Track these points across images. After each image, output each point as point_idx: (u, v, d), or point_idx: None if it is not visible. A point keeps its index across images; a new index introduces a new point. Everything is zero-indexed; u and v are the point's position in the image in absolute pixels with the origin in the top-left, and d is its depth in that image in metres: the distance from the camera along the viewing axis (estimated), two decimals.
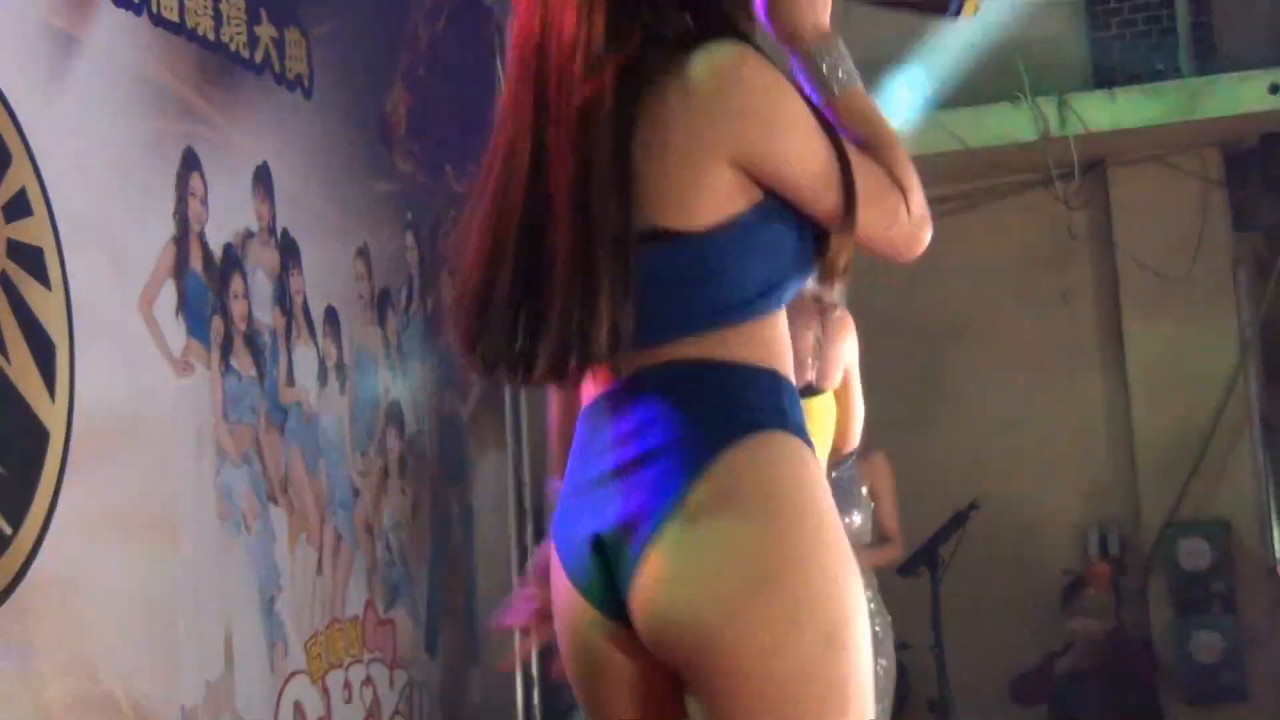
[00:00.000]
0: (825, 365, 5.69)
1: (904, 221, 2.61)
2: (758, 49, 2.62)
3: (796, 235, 2.62)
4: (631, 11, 2.64)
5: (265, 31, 7.36)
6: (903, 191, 2.60)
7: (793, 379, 2.65)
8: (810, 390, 5.55)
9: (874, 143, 2.64)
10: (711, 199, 2.56)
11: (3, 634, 5.61)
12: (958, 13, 2.92)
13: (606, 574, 2.58)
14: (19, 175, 5.91)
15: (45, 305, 5.99)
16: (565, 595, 2.66)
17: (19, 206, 5.91)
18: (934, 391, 7.06)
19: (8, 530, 5.71)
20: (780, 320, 2.66)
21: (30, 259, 5.94)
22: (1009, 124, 9.40)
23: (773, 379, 2.59)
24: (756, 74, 2.58)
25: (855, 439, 5.97)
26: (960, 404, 7.39)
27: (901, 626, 6.86)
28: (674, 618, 2.49)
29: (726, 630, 2.44)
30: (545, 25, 2.67)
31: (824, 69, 2.66)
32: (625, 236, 2.56)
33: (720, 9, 2.66)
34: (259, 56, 7.31)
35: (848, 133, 2.63)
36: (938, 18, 3.01)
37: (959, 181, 9.69)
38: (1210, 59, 9.48)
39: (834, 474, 5.87)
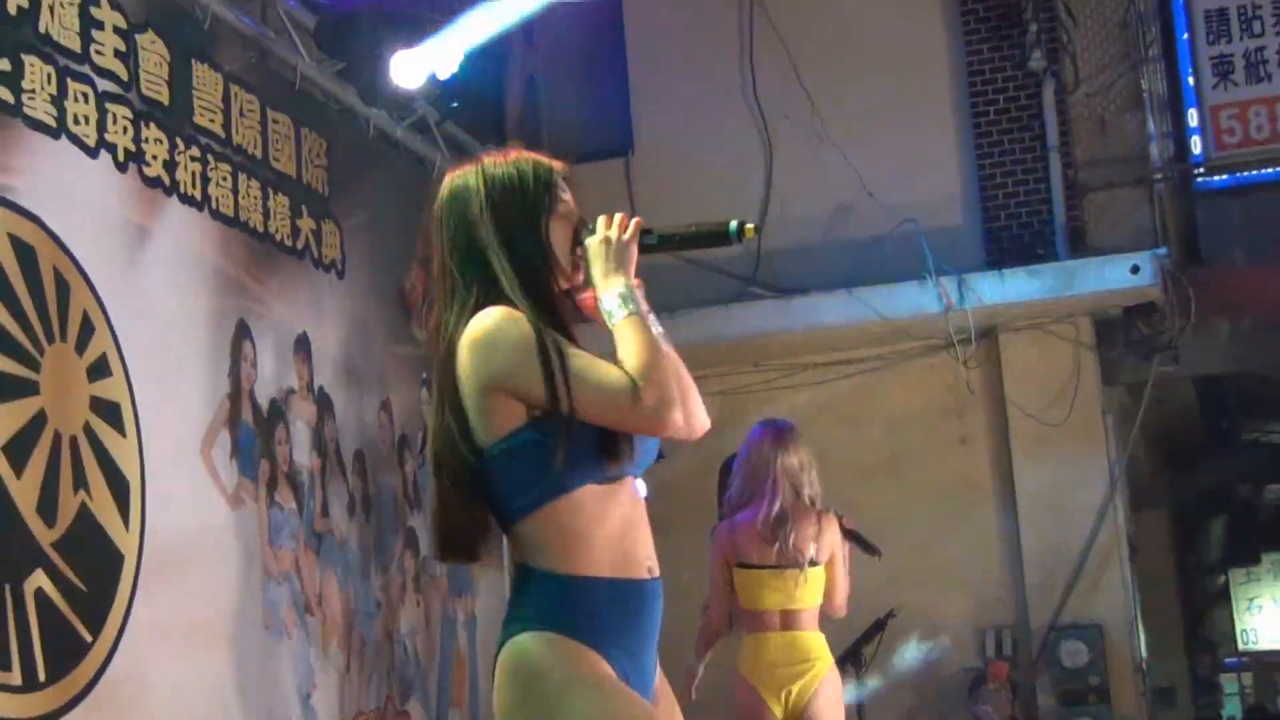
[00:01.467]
0: (820, 548, 6.46)
1: (637, 409, 2.83)
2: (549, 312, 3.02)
3: (562, 440, 2.87)
4: (454, 301, 3.10)
5: (305, 224, 7.43)
6: (636, 387, 2.84)
7: (570, 562, 2.90)
8: (812, 563, 6.42)
9: (629, 355, 2.90)
10: (490, 422, 2.93)
11: None
12: (740, 237, 3.13)
13: None
14: (101, 343, 5.94)
15: (122, 450, 5.99)
16: None
17: (100, 368, 5.94)
18: (856, 518, 7.05)
19: (88, 638, 5.68)
20: (564, 508, 2.90)
21: (109, 412, 5.96)
22: (917, 299, 9.47)
23: (534, 581, 2.91)
24: (490, 321, 2.95)
25: (841, 601, 6.66)
26: (878, 529, 7.34)
27: None
28: None
29: None
30: None
31: (603, 308, 2.99)
32: (450, 461, 3.04)
33: (498, 288, 3.02)
34: (300, 244, 7.38)
35: (619, 350, 2.93)
36: (723, 244, 3.18)
37: (876, 346, 9.75)
38: (1082, 245, 9.56)
39: None
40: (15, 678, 5.34)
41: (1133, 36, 9.67)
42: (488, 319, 2.96)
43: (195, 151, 6.65)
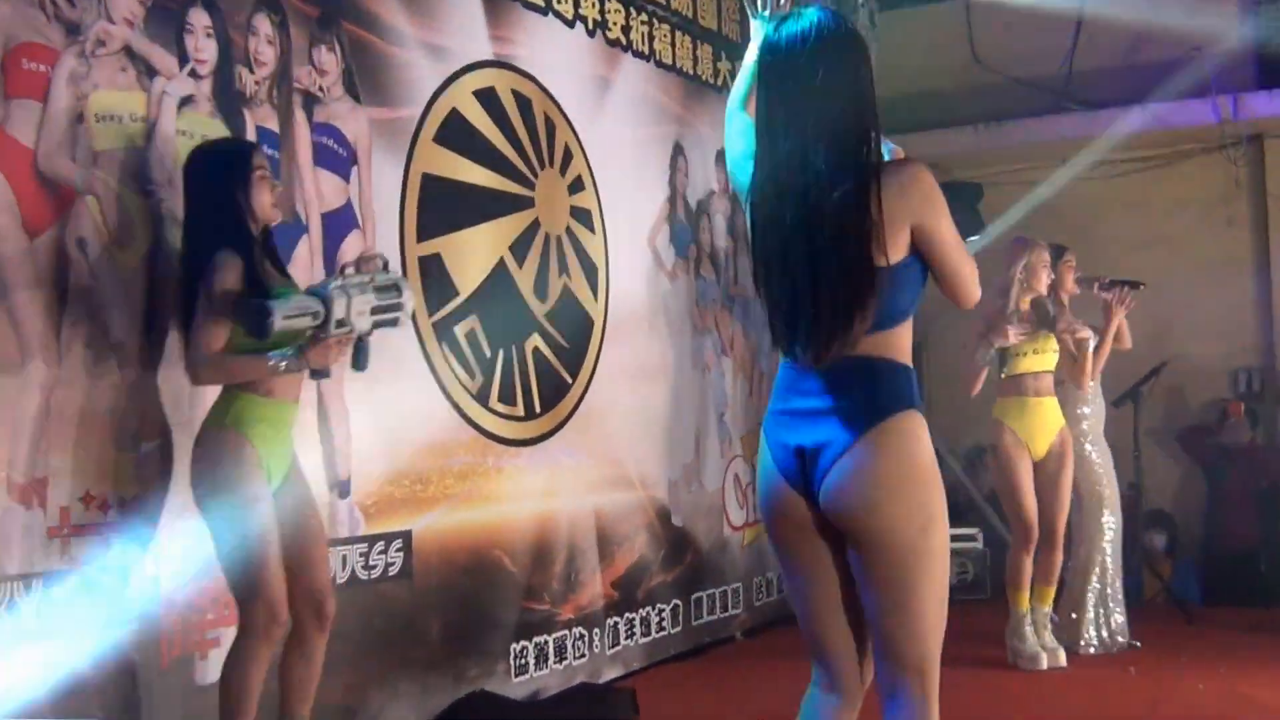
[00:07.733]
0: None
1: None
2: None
3: (921, 276, 2.41)
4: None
5: (724, 66, 6.80)
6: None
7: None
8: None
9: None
10: (897, 247, 2.35)
11: (568, 442, 5.31)
12: (979, 235, 2.40)
13: (803, 469, 2.37)
14: (577, 166, 5.53)
15: (592, 243, 5.64)
16: (774, 478, 2.43)
17: (577, 185, 5.54)
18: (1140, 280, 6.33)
19: (569, 380, 5.45)
20: (910, 328, 2.43)
21: (583, 217, 5.57)
22: (1198, 112, 8.02)
23: (907, 373, 2.38)
24: (931, 179, 2.40)
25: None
26: (1157, 292, 6.58)
27: (1114, 435, 6.18)
28: (846, 503, 2.34)
29: (874, 514, 2.33)
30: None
31: None
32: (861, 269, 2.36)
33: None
34: (719, 81, 6.74)
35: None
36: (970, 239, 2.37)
37: (1158, 148, 8.46)
38: None
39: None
40: (519, 410, 5.15)
41: None
42: (928, 177, 2.42)
43: (644, 18, 6.01)
